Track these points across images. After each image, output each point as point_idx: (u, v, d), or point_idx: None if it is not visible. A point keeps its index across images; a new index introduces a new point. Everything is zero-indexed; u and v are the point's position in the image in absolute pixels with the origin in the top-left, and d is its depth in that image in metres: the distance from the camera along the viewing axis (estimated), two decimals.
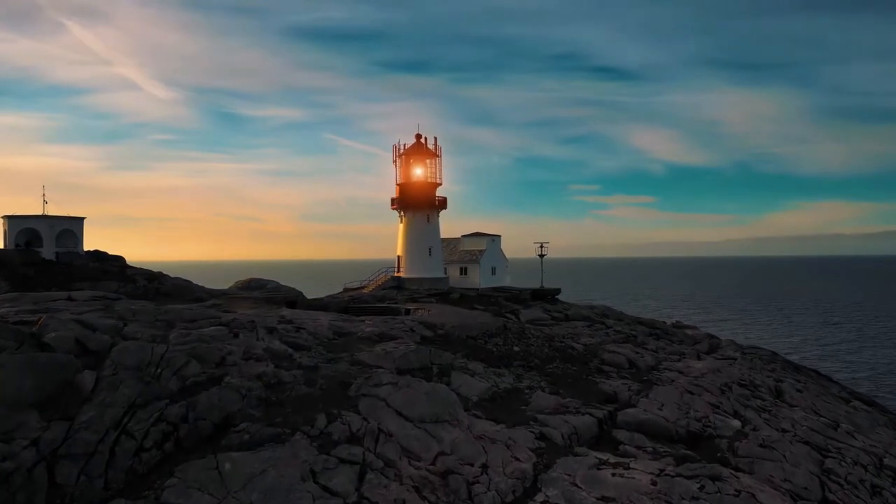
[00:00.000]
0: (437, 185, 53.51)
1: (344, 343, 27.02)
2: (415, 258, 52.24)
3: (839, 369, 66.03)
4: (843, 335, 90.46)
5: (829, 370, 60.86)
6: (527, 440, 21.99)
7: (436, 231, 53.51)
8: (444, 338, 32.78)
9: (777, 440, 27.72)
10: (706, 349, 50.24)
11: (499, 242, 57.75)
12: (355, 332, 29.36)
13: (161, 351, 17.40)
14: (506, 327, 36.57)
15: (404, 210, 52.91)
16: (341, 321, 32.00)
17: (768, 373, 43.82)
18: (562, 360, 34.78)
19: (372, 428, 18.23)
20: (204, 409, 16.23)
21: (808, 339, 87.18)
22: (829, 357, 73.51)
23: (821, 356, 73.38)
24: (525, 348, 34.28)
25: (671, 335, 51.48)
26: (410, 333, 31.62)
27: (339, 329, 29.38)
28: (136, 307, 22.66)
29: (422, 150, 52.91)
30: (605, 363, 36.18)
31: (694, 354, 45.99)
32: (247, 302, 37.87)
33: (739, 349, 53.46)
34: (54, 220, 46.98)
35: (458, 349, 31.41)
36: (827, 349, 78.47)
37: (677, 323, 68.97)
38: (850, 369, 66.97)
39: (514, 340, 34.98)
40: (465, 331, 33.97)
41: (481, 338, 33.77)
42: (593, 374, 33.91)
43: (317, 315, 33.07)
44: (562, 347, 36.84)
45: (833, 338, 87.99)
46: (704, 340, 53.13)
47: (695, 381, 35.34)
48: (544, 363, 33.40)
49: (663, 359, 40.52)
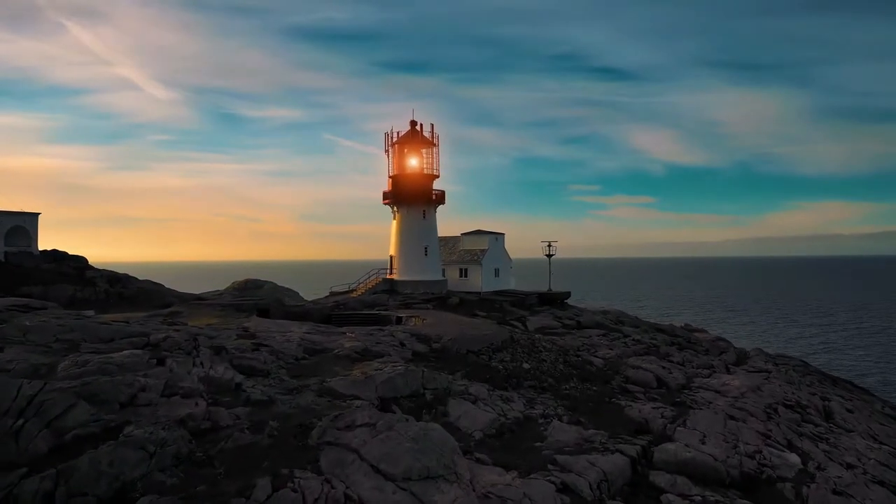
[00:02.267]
0: (435, 176, 48.24)
1: (315, 364, 21.82)
2: (409, 258, 46.99)
3: (847, 370, 61.22)
4: (852, 337, 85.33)
5: (844, 374, 56.09)
6: (546, 496, 16.79)
7: (432, 228, 48.26)
8: (441, 353, 27.61)
9: (850, 483, 22.56)
10: (734, 360, 45.13)
11: (502, 241, 52.46)
12: (331, 349, 24.18)
13: (33, 390, 12.20)
14: (513, 339, 31.38)
15: (398, 205, 47.62)
16: (318, 334, 26.81)
17: (810, 389, 38.75)
18: (579, 378, 29.60)
19: (336, 496, 13.02)
20: (84, 481, 11.03)
21: (814, 342, 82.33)
22: (840, 360, 68.50)
23: (829, 359, 68.30)
24: (536, 365, 29.09)
25: (695, 344, 46.34)
26: (400, 349, 26.45)
27: (311, 345, 24.19)
28: (33, 322, 17.44)
29: (417, 138, 47.63)
30: (630, 381, 31.01)
31: (722, 367, 40.88)
32: (212, 310, 32.65)
33: (770, 359, 48.36)
34: (2, 216, 41.74)
35: (458, 367, 26.25)
36: (851, 353, 73.32)
37: (687, 326, 64.31)
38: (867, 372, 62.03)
39: (523, 355, 29.78)
40: (465, 344, 28.79)
41: (485, 353, 28.59)
42: (617, 395, 28.75)
43: (289, 327, 27.89)
44: (578, 363, 31.65)
45: (845, 341, 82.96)
46: (730, 350, 48.00)
47: (735, 402, 30.20)
48: (559, 383, 28.23)
49: (693, 374, 35.36)
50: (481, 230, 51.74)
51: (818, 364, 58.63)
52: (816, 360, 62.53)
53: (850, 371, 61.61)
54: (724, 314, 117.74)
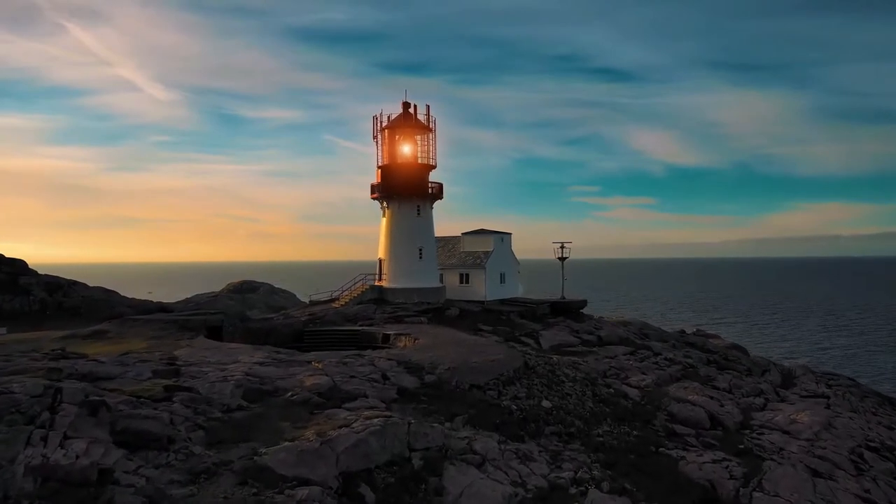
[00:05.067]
0: (431, 167, 41.64)
1: (253, 419, 15.26)
2: (401, 262, 40.41)
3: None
4: (867, 343, 78.86)
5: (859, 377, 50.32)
6: None
7: (429, 226, 41.73)
8: (436, 389, 21.07)
9: None
10: (780, 381, 38.66)
11: (509, 242, 45.82)
12: (285, 390, 17.63)
13: None
14: (528, 366, 24.84)
15: (388, 199, 40.99)
16: (272, 364, 20.26)
17: (877, 418, 32.34)
18: (614, 417, 23.08)
19: None
20: None
21: (824, 345, 76.12)
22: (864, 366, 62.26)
23: (856, 368, 62.03)
24: (559, 402, 22.54)
25: (733, 361, 39.81)
26: (381, 385, 19.91)
27: (257, 383, 17.65)
28: None
29: (410, 122, 41.01)
30: (677, 419, 24.49)
31: (771, 391, 34.40)
32: (149, 328, 26.10)
33: (819, 378, 41.89)
34: None
35: (458, 409, 19.75)
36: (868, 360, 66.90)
37: (699, 331, 58.17)
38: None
39: (541, 388, 23.24)
40: (467, 375, 22.26)
41: (493, 387, 22.06)
42: (664, 440, 22.24)
43: (235, 354, 21.34)
44: (610, 396, 25.10)
45: (860, 346, 76.63)
46: (771, 368, 41.45)
47: (812, 448, 23.75)
48: (590, 426, 21.70)
49: (746, 405, 28.84)
50: (485, 229, 45.13)
51: (843, 371, 52.97)
52: (844, 369, 56.59)
53: (876, 378, 55.76)
54: (724, 315, 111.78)
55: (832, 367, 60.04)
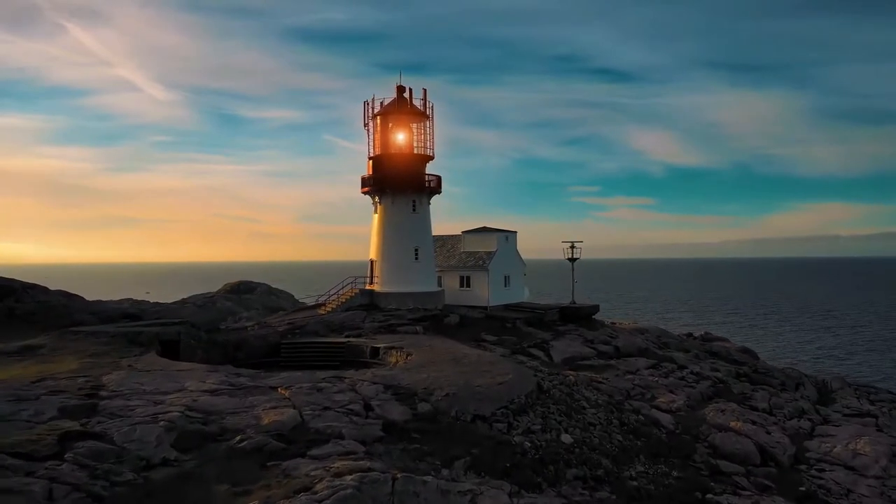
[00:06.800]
0: (428, 158, 37.59)
1: (177, 481, 11.22)
2: (395, 263, 36.34)
3: None
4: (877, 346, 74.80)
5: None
6: None
7: (425, 224, 37.67)
8: (431, 422, 17.04)
9: None
10: (816, 396, 34.67)
11: (514, 241, 41.70)
12: (234, 432, 13.62)
13: None
14: (541, 389, 20.79)
15: (380, 193, 36.91)
16: (224, 393, 16.24)
17: None
18: (647, 453, 19.05)
19: None
20: None
21: (825, 346, 72.07)
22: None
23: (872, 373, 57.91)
24: (581, 434, 18.49)
25: (765, 374, 35.77)
26: (361, 421, 15.86)
27: (198, 423, 13.63)
28: None
29: (405, 108, 36.93)
30: (720, 453, 20.45)
31: (812, 409, 30.43)
32: (91, 342, 22.02)
33: (860, 393, 37.92)
34: None
35: (457, 450, 15.72)
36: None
37: (707, 334, 54.30)
38: None
39: (559, 418, 19.19)
40: (470, 403, 18.23)
41: (501, 417, 18.01)
42: (709, 482, 18.22)
43: (183, 378, 17.29)
44: (640, 424, 21.06)
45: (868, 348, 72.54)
46: (804, 380, 37.42)
47: (884, 487, 19.79)
48: (620, 466, 17.67)
49: (793, 431, 24.81)
50: (487, 227, 41.01)
51: (858, 377, 49.12)
52: (861, 375, 52.56)
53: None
54: (725, 316, 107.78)
55: (837, 368, 56.51)
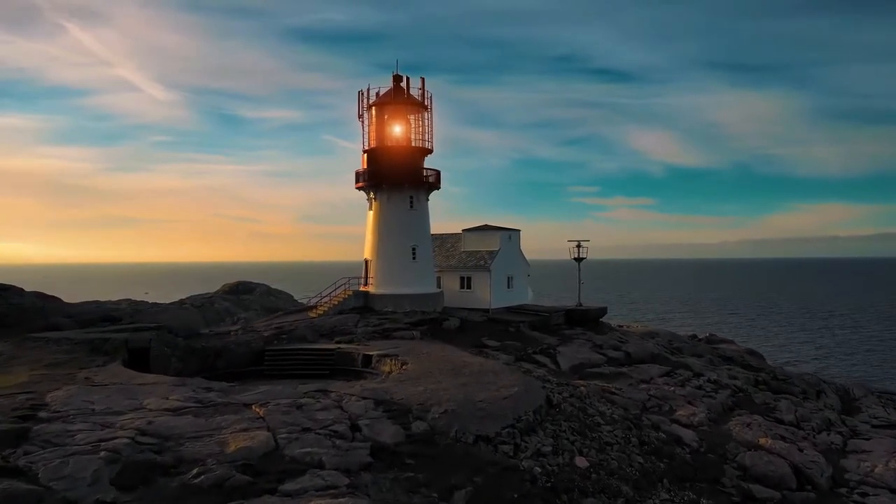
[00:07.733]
0: (427, 151, 35.47)
1: None
2: (391, 264, 34.21)
3: None
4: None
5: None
6: None
7: (423, 221, 35.53)
8: (428, 445, 14.90)
9: None
10: (840, 405, 32.55)
11: (517, 240, 39.52)
12: (191, 463, 11.47)
13: None
14: (551, 403, 18.67)
15: (375, 189, 34.78)
16: (193, 409, 14.13)
17: None
18: (671, 476, 16.91)
19: None
20: None
21: (825, 346, 69.99)
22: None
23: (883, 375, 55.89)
24: (598, 457, 16.35)
25: (785, 381, 33.63)
26: (347, 444, 13.73)
27: (149, 452, 11.53)
28: None
29: (402, 98, 34.80)
30: (752, 476, 18.31)
31: (838, 421, 28.29)
32: (52, 350, 19.89)
33: (885, 401, 35.80)
34: None
35: (459, 477, 13.59)
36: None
37: (711, 336, 52.24)
38: None
39: (571, 437, 17.04)
40: (472, 422, 16.09)
41: (507, 438, 15.86)
42: None
43: (144, 394, 15.14)
44: (661, 443, 18.91)
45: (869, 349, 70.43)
46: (824, 388, 35.30)
47: None
48: (642, 493, 15.52)
49: (825, 447, 22.68)
50: (489, 226, 38.86)
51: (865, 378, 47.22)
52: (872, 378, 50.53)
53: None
54: (726, 316, 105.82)
55: (838, 368, 54.52)
